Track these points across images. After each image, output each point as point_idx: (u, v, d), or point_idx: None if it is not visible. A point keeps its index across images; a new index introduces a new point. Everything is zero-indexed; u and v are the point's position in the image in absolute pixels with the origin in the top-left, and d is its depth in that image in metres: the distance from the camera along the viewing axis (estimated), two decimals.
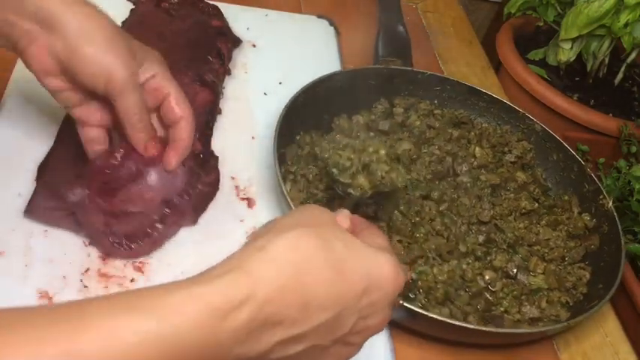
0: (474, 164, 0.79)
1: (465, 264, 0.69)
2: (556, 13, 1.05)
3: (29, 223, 0.63)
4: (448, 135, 0.82)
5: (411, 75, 0.88)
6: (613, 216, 0.75)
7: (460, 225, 0.72)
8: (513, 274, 0.70)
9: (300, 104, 0.77)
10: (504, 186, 0.78)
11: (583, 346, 0.70)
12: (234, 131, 0.80)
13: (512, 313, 0.67)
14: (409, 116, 0.84)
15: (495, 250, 0.71)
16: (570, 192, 0.81)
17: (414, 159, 0.77)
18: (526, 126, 0.86)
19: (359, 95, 0.85)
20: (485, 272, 0.69)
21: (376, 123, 0.81)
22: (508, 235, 0.73)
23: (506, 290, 0.68)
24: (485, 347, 0.67)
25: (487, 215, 0.73)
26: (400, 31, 0.97)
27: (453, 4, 1.22)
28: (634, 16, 0.94)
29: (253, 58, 0.93)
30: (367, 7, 1.11)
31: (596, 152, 0.91)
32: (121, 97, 0.57)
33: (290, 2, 1.07)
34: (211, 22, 0.87)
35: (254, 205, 0.73)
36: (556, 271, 0.71)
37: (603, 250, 0.74)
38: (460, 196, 0.75)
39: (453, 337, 0.65)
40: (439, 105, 0.89)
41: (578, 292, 0.70)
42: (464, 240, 0.71)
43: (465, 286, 0.67)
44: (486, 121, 0.88)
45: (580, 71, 1.06)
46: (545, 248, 0.74)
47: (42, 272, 0.60)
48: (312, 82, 0.79)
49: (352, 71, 0.86)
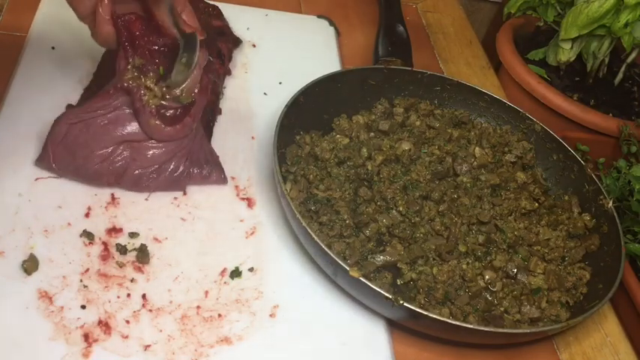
0: (474, 164, 0.79)
1: (464, 264, 0.69)
2: (556, 13, 1.05)
3: (29, 223, 0.63)
4: (448, 135, 0.82)
5: (411, 75, 0.88)
6: (613, 216, 0.75)
7: (460, 225, 0.72)
8: (513, 274, 0.70)
9: (300, 104, 0.77)
10: (504, 186, 0.78)
11: (583, 346, 0.71)
12: (234, 131, 0.80)
13: (512, 313, 0.67)
14: (409, 116, 0.84)
15: (495, 250, 0.71)
16: (570, 192, 0.81)
17: (414, 159, 0.77)
18: (526, 126, 0.86)
19: (359, 95, 0.85)
20: (485, 272, 0.69)
21: (376, 123, 0.81)
22: (508, 235, 0.73)
23: (506, 290, 0.68)
24: (485, 347, 0.67)
25: (487, 215, 0.73)
26: (400, 31, 0.96)
27: (453, 4, 1.22)
28: (634, 16, 0.94)
29: (253, 58, 0.93)
30: (367, 7, 1.11)
31: (596, 152, 0.91)
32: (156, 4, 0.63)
33: (290, 2, 1.07)
34: (211, 22, 0.87)
35: (254, 205, 0.73)
36: (556, 271, 0.71)
37: (603, 250, 0.74)
38: (460, 196, 0.75)
39: (453, 337, 0.65)
40: (439, 105, 0.89)
41: (578, 292, 0.70)
42: (464, 240, 0.71)
43: (464, 286, 0.67)
44: (486, 121, 0.88)
45: (580, 71, 1.06)
46: (545, 248, 0.74)
47: (42, 272, 0.60)
48: (312, 82, 0.79)
49: (352, 71, 0.86)
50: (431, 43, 1.10)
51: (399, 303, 0.59)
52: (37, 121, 0.72)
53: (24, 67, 0.79)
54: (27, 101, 0.74)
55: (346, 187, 0.72)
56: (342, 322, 0.65)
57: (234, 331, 0.60)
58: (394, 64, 0.89)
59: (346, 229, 0.68)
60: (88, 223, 0.65)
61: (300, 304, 0.65)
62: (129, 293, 0.61)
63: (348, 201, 0.71)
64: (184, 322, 0.60)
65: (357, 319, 0.65)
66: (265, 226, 0.71)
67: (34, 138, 0.70)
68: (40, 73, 0.78)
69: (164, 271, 0.63)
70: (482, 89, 0.89)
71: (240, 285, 0.64)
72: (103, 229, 0.65)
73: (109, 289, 0.60)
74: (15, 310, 0.57)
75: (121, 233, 0.65)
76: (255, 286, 0.65)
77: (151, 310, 0.60)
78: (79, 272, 0.61)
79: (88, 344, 0.56)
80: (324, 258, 0.63)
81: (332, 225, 0.68)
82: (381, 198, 0.71)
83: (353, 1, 1.12)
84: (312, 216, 0.69)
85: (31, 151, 0.69)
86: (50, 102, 0.74)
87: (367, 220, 0.69)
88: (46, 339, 0.56)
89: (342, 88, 0.83)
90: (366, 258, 0.66)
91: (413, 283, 0.67)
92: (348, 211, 0.69)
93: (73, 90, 0.76)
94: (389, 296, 0.59)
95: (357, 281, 0.61)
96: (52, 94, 0.75)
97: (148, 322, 0.59)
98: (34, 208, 0.65)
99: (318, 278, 0.67)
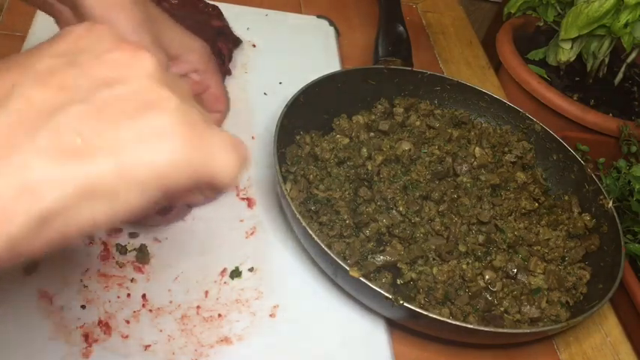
0: (474, 164, 0.79)
1: (464, 264, 0.69)
2: (556, 13, 1.05)
3: None
4: (448, 135, 0.82)
5: (411, 75, 0.88)
6: (613, 216, 0.75)
7: (460, 225, 0.72)
8: (513, 274, 0.70)
9: (300, 104, 0.77)
10: (504, 186, 0.78)
11: (583, 347, 0.71)
12: (234, 131, 0.80)
13: (512, 313, 0.67)
14: (409, 116, 0.84)
15: (495, 250, 0.71)
16: (570, 192, 0.81)
17: (414, 159, 0.77)
18: (526, 126, 0.86)
19: (359, 95, 0.85)
20: (485, 272, 0.69)
21: (376, 123, 0.81)
22: (508, 235, 0.73)
23: (506, 290, 0.68)
24: (485, 347, 0.67)
25: (487, 215, 0.73)
26: (400, 31, 0.96)
27: (453, 4, 1.22)
28: (634, 16, 0.94)
29: (253, 58, 0.93)
30: (367, 7, 1.11)
31: (596, 152, 0.91)
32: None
33: (290, 2, 1.07)
34: (211, 22, 0.87)
35: (254, 205, 0.73)
36: (556, 271, 0.71)
37: (603, 250, 0.74)
38: (460, 196, 0.75)
39: (452, 337, 0.65)
40: (439, 105, 0.89)
41: (578, 292, 0.70)
42: (464, 240, 0.71)
43: (464, 286, 0.67)
44: (486, 121, 0.88)
45: (580, 71, 1.06)
46: (545, 248, 0.74)
47: (42, 272, 0.60)
48: (312, 82, 0.79)
49: (352, 71, 0.86)
50: (431, 43, 1.10)
51: (399, 303, 0.59)
52: None
53: None
54: None
55: (346, 187, 0.72)
56: (341, 322, 0.65)
57: (234, 331, 0.60)
58: (394, 64, 0.89)
59: (346, 229, 0.68)
60: None
61: (300, 304, 0.65)
62: (129, 293, 0.61)
63: (348, 201, 0.71)
64: (184, 322, 0.60)
65: (356, 319, 0.65)
66: (265, 226, 0.71)
67: None
68: None
69: (164, 271, 0.63)
70: (482, 89, 0.88)
71: (240, 285, 0.64)
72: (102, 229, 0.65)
73: (109, 289, 0.60)
74: (15, 310, 0.57)
75: (120, 233, 0.65)
76: (255, 286, 0.65)
77: (151, 310, 0.60)
78: (79, 272, 0.61)
79: (88, 344, 0.56)
80: (324, 258, 0.63)
81: (332, 225, 0.68)
82: (381, 198, 0.71)
83: (353, 1, 1.12)
84: (312, 216, 0.69)
85: None
86: None
87: (367, 220, 0.69)
88: (46, 339, 0.56)
89: (341, 88, 0.82)
90: (366, 258, 0.66)
91: (413, 283, 0.67)
92: (348, 211, 0.69)
93: None
94: (389, 296, 0.59)
95: (357, 281, 0.61)
96: None
97: (148, 322, 0.59)
98: None
99: (318, 278, 0.67)
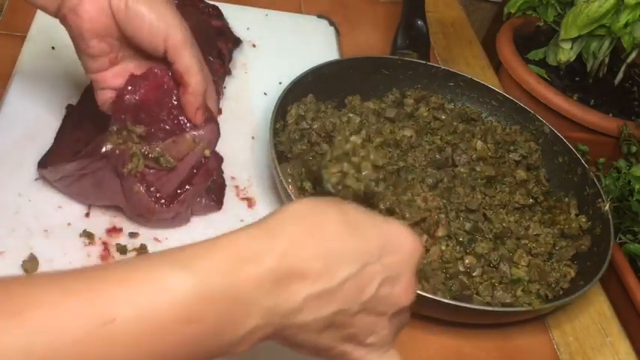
0: (474, 157, 0.79)
1: (444, 245, 0.69)
2: (556, 13, 1.05)
3: (29, 223, 0.63)
4: (453, 127, 0.82)
5: (425, 68, 0.89)
6: (607, 218, 0.74)
7: (449, 210, 0.72)
8: (495, 262, 0.69)
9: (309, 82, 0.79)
10: (500, 179, 0.78)
11: (583, 347, 0.70)
12: (234, 131, 0.80)
13: (484, 296, 0.66)
14: (418, 107, 0.85)
15: (481, 238, 0.71)
16: (571, 194, 0.81)
17: (413, 146, 0.77)
18: (535, 127, 0.86)
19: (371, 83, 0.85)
20: (466, 257, 0.69)
21: (384, 110, 0.81)
22: (495, 226, 0.73)
23: (486, 277, 0.68)
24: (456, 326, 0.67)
25: (475, 203, 0.73)
26: (420, 25, 0.97)
27: (453, 4, 1.22)
28: (634, 16, 0.94)
29: (253, 58, 0.93)
30: (367, 7, 1.11)
31: (596, 152, 0.91)
32: (181, 56, 0.58)
33: (290, 2, 1.07)
34: (211, 22, 0.87)
35: (254, 205, 0.73)
36: (540, 265, 0.71)
37: (593, 251, 0.74)
38: (456, 185, 0.75)
39: (427, 312, 0.65)
40: (451, 100, 0.89)
41: (558, 287, 0.70)
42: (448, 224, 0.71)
43: (442, 267, 0.67)
44: (496, 120, 0.89)
45: (580, 71, 1.06)
46: (534, 243, 0.73)
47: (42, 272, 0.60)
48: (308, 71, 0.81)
49: (365, 59, 0.87)
50: (431, 43, 1.10)
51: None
52: (37, 121, 0.72)
53: (24, 67, 0.79)
54: (27, 101, 0.74)
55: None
56: None
57: None
58: (410, 57, 0.90)
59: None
60: (88, 223, 0.65)
61: None
62: None
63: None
64: None
65: None
66: None
67: (34, 138, 0.70)
68: (40, 73, 0.78)
69: None
70: (495, 88, 0.89)
71: None
72: (103, 229, 0.65)
73: None
74: None
75: (120, 233, 0.65)
76: None
77: None
78: None
79: None
80: None
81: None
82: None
83: (353, 1, 1.12)
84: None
85: (31, 151, 0.69)
86: (50, 102, 0.74)
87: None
88: None
89: (353, 75, 0.83)
90: None
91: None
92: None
93: (73, 90, 0.76)
94: None
95: None
96: (52, 94, 0.75)
97: None
98: (34, 208, 0.65)
99: None
